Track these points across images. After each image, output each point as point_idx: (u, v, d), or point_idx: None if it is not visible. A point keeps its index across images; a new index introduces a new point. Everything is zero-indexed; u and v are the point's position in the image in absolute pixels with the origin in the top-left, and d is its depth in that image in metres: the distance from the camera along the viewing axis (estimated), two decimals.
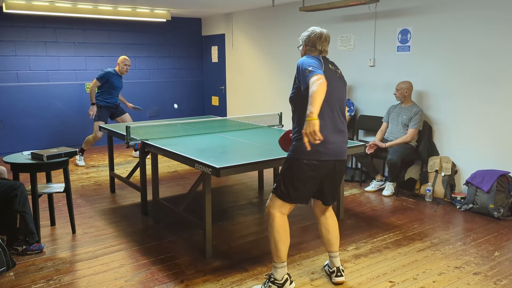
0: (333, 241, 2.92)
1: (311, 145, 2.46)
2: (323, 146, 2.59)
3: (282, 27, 6.97)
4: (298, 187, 2.69)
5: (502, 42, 4.33)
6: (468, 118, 4.68)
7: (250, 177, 5.61)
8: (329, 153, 2.65)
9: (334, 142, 2.66)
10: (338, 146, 2.69)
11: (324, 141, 2.56)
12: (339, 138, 2.71)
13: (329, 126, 2.65)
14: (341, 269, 2.95)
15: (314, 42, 2.73)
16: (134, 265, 3.23)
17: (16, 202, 3.28)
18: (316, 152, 2.60)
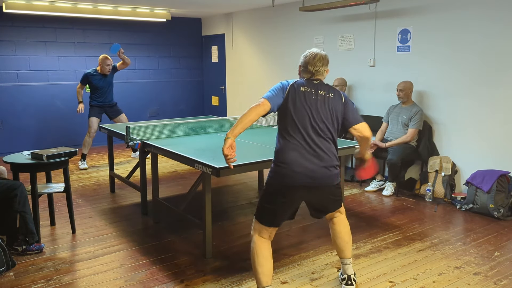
0: (342, 247, 2.84)
1: (281, 171, 2.53)
2: (288, 169, 2.52)
3: (282, 27, 6.97)
4: (270, 210, 2.62)
5: (502, 42, 4.33)
6: (468, 118, 4.68)
7: (250, 177, 5.61)
8: (294, 177, 2.52)
9: (302, 166, 2.52)
10: (309, 171, 2.52)
11: (290, 164, 2.52)
12: (312, 163, 2.53)
13: (298, 149, 2.53)
14: (353, 278, 2.84)
15: (306, 63, 2.68)
16: (134, 265, 3.23)
17: (16, 202, 3.28)
18: (281, 175, 2.54)
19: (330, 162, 2.59)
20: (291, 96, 2.57)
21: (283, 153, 2.55)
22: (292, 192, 2.59)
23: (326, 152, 2.58)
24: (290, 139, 2.55)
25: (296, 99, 2.57)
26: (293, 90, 2.59)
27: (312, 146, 2.55)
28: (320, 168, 2.56)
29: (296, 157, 2.53)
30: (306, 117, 2.56)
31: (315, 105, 2.58)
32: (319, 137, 2.57)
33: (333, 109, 2.61)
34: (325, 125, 2.59)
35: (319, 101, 2.59)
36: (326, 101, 2.61)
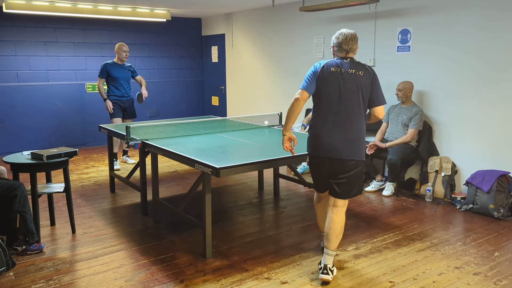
0: (330, 238, 2.96)
1: (311, 141, 2.99)
2: (318, 141, 2.93)
3: (282, 27, 6.97)
4: (313, 177, 3.15)
5: (502, 42, 4.33)
6: (468, 118, 4.68)
7: (250, 177, 5.61)
8: (322, 149, 2.92)
9: (328, 140, 2.89)
10: (331, 144, 2.88)
11: (320, 137, 2.92)
12: (337, 136, 2.88)
13: (326, 125, 2.90)
14: (329, 268, 2.94)
15: (340, 43, 2.95)
16: (134, 265, 3.23)
17: (16, 202, 3.28)
18: (314, 146, 2.97)
19: (354, 137, 2.89)
20: (322, 78, 2.90)
21: (316, 128, 2.94)
22: (321, 162, 2.97)
23: (351, 128, 2.88)
24: (322, 115, 2.92)
25: (327, 80, 2.88)
26: (323, 72, 2.90)
27: (341, 121, 2.87)
28: (344, 142, 2.88)
29: (325, 132, 2.90)
30: (336, 96, 2.87)
31: (344, 84, 2.86)
32: (346, 114, 2.87)
33: (361, 87, 2.87)
34: (353, 103, 2.87)
35: (348, 80, 2.86)
36: (356, 79, 2.87)
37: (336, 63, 2.91)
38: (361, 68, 2.89)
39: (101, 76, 6.03)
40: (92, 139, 7.75)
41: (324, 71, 2.89)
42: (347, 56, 2.94)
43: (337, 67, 2.89)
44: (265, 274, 3.09)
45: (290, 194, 5.02)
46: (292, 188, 5.21)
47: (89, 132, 7.72)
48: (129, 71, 6.20)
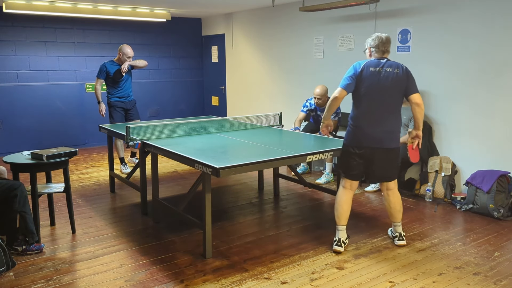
0: (394, 214, 3.55)
1: (353, 132, 3.37)
2: (361, 132, 3.32)
3: (282, 27, 6.97)
4: (349, 166, 3.43)
5: (502, 43, 4.33)
6: (468, 118, 4.68)
7: (250, 177, 5.61)
8: (366, 139, 3.31)
9: (370, 131, 3.29)
10: (374, 135, 3.29)
11: (363, 128, 3.31)
12: (379, 128, 3.29)
13: (367, 118, 3.30)
14: (403, 234, 3.58)
15: (377, 46, 3.35)
16: (134, 265, 3.23)
17: (16, 202, 3.28)
18: (356, 137, 3.34)
19: (392, 128, 3.34)
20: (362, 77, 3.27)
21: (359, 121, 3.34)
22: (363, 151, 3.33)
23: (390, 120, 3.32)
24: (363, 110, 3.32)
25: (367, 79, 3.26)
26: (363, 72, 3.28)
27: (380, 116, 3.29)
28: (384, 133, 3.30)
29: (368, 124, 3.30)
30: (375, 92, 3.27)
31: (382, 83, 3.25)
32: (385, 108, 3.30)
33: (397, 84, 3.27)
34: (390, 98, 3.29)
35: (387, 79, 3.26)
36: (393, 77, 3.27)
37: (375, 62, 3.31)
38: (397, 67, 3.30)
39: (100, 76, 5.78)
40: (92, 139, 7.76)
41: (364, 71, 3.28)
42: (383, 57, 3.36)
43: (376, 66, 3.29)
44: (265, 274, 3.09)
45: (290, 194, 5.02)
46: (292, 188, 5.21)
47: (89, 132, 7.72)
48: (130, 71, 5.97)
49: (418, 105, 3.31)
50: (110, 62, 5.84)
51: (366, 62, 3.32)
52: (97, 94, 5.83)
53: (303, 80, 6.72)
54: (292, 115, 6.74)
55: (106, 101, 5.91)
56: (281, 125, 4.97)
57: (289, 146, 3.93)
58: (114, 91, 5.84)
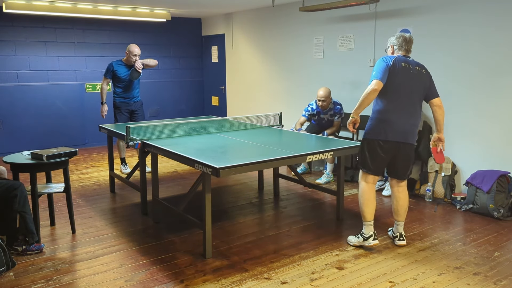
0: (399, 212, 3.49)
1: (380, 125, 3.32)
2: (389, 126, 3.30)
3: (282, 27, 6.97)
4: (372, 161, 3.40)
5: (502, 43, 4.33)
6: (468, 118, 4.68)
7: (250, 177, 5.61)
8: (393, 133, 3.29)
9: (399, 125, 3.29)
10: (402, 128, 3.30)
11: (391, 123, 3.29)
12: (406, 121, 3.30)
13: (397, 111, 3.30)
14: (403, 234, 3.54)
15: (401, 44, 3.40)
16: (134, 265, 3.23)
17: (16, 202, 3.28)
18: (383, 131, 3.31)
19: (416, 122, 3.38)
20: (394, 71, 3.28)
21: (387, 114, 3.31)
22: (388, 145, 3.33)
23: (415, 115, 3.36)
24: (392, 103, 3.30)
25: (399, 73, 3.29)
26: (395, 66, 3.28)
27: (408, 109, 3.32)
28: (410, 126, 3.34)
29: (396, 118, 3.29)
30: (405, 87, 3.30)
31: (412, 79, 3.31)
32: (414, 102, 3.34)
33: (423, 83, 3.35)
34: (417, 95, 3.34)
35: (415, 76, 3.32)
36: (420, 76, 3.35)
37: (405, 59, 3.35)
38: (423, 67, 3.39)
39: (106, 75, 5.65)
40: (92, 139, 7.76)
41: (396, 65, 3.29)
42: (408, 55, 3.42)
43: (406, 63, 3.33)
44: (265, 274, 3.09)
45: (290, 194, 5.02)
46: (292, 188, 5.21)
47: (89, 132, 7.72)
48: None
49: (440, 107, 3.38)
50: (117, 62, 5.71)
51: (396, 57, 3.33)
52: (102, 94, 5.75)
53: (303, 80, 6.72)
54: (292, 115, 6.74)
55: (112, 101, 5.79)
56: (281, 125, 4.97)
57: (289, 146, 3.93)
58: (120, 92, 5.73)
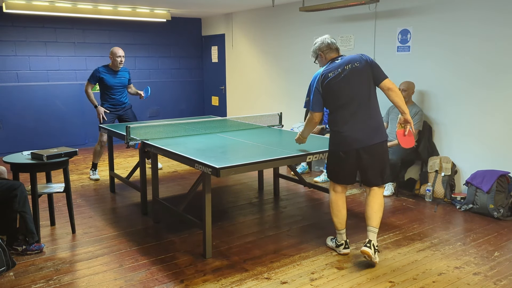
0: (371, 216, 3.23)
1: (336, 137, 3.21)
2: (343, 138, 3.15)
3: (282, 27, 6.97)
4: (336, 171, 3.30)
5: (502, 43, 4.33)
6: (468, 118, 4.68)
7: (250, 177, 5.61)
8: (349, 143, 3.14)
9: (353, 133, 3.12)
10: (359, 136, 3.11)
11: (344, 134, 3.14)
12: (361, 127, 3.12)
13: (346, 121, 3.13)
14: (373, 244, 3.16)
15: (328, 45, 3.23)
16: (134, 265, 3.23)
17: (16, 202, 3.28)
18: (340, 142, 3.19)
19: (375, 123, 3.16)
20: (325, 86, 3.14)
21: (337, 125, 3.18)
22: (350, 154, 3.17)
23: (370, 117, 3.14)
24: (339, 114, 3.16)
25: (331, 86, 3.12)
26: (323, 82, 3.13)
27: (358, 116, 3.12)
28: (368, 128, 3.13)
29: (348, 127, 3.13)
30: (345, 95, 3.11)
31: (347, 82, 3.09)
32: (359, 104, 3.11)
33: (361, 77, 3.10)
34: (362, 94, 3.11)
35: (349, 76, 3.09)
36: (355, 72, 3.10)
37: (332, 66, 3.15)
38: (354, 60, 3.12)
39: (91, 81, 5.44)
40: (92, 139, 7.75)
41: (324, 81, 3.13)
42: (338, 56, 3.23)
43: (334, 69, 3.13)
44: (265, 274, 3.09)
45: (290, 194, 5.02)
46: (292, 188, 5.21)
47: (89, 132, 7.72)
48: (126, 78, 5.65)
49: (391, 89, 3.09)
50: (103, 68, 5.48)
51: (323, 70, 3.17)
52: (91, 98, 5.47)
53: (303, 80, 6.72)
54: (292, 115, 6.74)
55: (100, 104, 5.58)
56: (281, 125, 4.97)
57: (289, 146, 3.92)
58: (107, 97, 5.53)
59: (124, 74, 5.64)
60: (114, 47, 5.51)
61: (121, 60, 5.46)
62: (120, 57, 5.44)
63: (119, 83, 5.57)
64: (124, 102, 5.67)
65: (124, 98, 5.67)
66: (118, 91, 5.59)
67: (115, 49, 5.47)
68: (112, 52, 5.46)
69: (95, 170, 5.70)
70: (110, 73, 5.50)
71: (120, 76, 5.58)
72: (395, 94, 3.10)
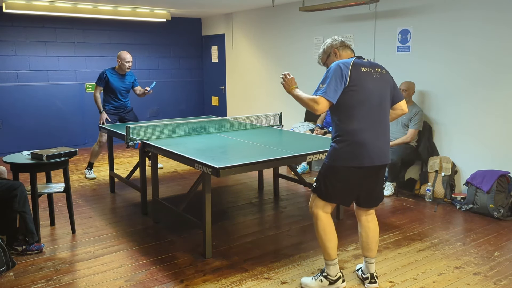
0: (371, 246, 2.86)
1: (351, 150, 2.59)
2: (364, 150, 2.58)
3: (282, 27, 6.97)
4: (339, 190, 2.70)
5: (502, 43, 4.33)
6: (468, 118, 4.68)
7: (250, 177, 5.61)
8: (370, 157, 2.60)
9: (376, 145, 2.61)
10: (380, 150, 2.64)
11: (365, 144, 2.58)
12: (383, 140, 2.66)
13: (371, 129, 2.61)
14: (375, 275, 2.91)
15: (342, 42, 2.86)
16: (134, 265, 3.23)
17: (16, 202, 3.28)
18: (357, 157, 2.59)
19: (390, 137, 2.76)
20: (355, 77, 2.58)
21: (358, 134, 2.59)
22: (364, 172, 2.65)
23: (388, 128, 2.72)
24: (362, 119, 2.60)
25: (362, 80, 2.60)
26: (356, 72, 2.60)
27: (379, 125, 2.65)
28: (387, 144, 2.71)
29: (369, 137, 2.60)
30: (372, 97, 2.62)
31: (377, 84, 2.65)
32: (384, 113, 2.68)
33: (388, 86, 2.72)
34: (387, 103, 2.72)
35: (380, 80, 2.67)
36: (383, 78, 2.70)
37: (362, 62, 2.67)
38: (382, 67, 2.75)
39: (99, 84, 5.45)
40: (92, 139, 7.75)
41: (356, 71, 2.60)
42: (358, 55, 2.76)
43: (366, 66, 2.66)
44: (265, 274, 3.09)
45: (290, 194, 5.02)
46: (292, 188, 5.21)
47: (89, 132, 7.72)
48: (130, 82, 5.66)
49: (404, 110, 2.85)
50: (110, 71, 5.51)
51: (354, 60, 2.64)
52: (98, 102, 5.50)
53: (303, 80, 6.71)
54: (292, 115, 6.74)
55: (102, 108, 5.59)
56: (281, 125, 4.97)
57: (289, 146, 3.93)
58: (109, 99, 5.57)
59: (129, 79, 5.66)
60: (122, 52, 5.50)
61: (129, 66, 5.49)
62: (129, 62, 5.46)
63: (123, 88, 5.61)
64: (126, 105, 5.73)
65: (127, 101, 5.73)
66: (122, 95, 5.63)
67: (123, 53, 5.46)
68: (120, 56, 5.45)
69: (91, 169, 5.77)
70: (117, 77, 5.53)
71: (125, 80, 5.61)
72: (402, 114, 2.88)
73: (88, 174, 5.73)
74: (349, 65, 2.59)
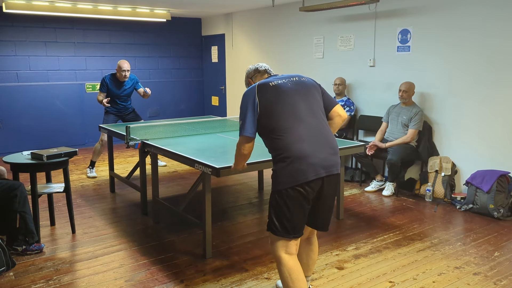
0: (311, 266, 2.68)
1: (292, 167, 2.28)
2: (306, 162, 2.27)
3: (282, 27, 6.97)
4: (292, 216, 2.33)
5: (502, 43, 4.33)
6: (468, 118, 4.68)
7: (250, 177, 5.61)
8: (314, 167, 2.29)
9: (318, 155, 2.31)
10: (325, 159, 2.32)
11: (306, 156, 2.28)
12: (325, 149, 2.35)
13: (305, 139, 2.31)
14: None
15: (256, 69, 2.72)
16: (134, 265, 3.23)
17: (16, 202, 3.28)
18: (301, 172, 2.28)
19: (335, 143, 2.44)
20: (266, 97, 2.37)
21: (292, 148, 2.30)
22: (311, 187, 2.32)
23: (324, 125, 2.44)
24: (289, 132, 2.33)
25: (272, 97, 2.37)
26: (263, 90, 2.39)
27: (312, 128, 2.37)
28: (330, 144, 2.39)
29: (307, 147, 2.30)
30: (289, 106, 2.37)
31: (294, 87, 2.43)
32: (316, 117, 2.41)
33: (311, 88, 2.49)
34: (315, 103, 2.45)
35: (293, 86, 2.44)
36: (300, 83, 2.47)
37: (271, 78, 2.49)
38: (301, 76, 2.54)
39: (102, 90, 5.52)
40: (92, 139, 7.75)
41: (265, 89, 2.39)
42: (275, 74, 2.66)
43: (276, 80, 2.45)
44: (265, 274, 3.09)
45: None
46: None
47: (89, 132, 7.72)
48: (130, 88, 5.67)
49: (340, 116, 2.57)
50: (109, 76, 5.56)
51: (258, 83, 2.44)
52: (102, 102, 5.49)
53: None
54: None
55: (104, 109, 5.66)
56: None
57: None
58: (112, 103, 5.59)
59: (128, 84, 5.66)
60: (121, 60, 5.53)
61: (125, 75, 5.50)
62: (125, 71, 5.48)
63: (122, 94, 5.64)
64: (128, 108, 5.78)
65: (128, 105, 5.77)
66: (122, 100, 5.68)
67: (120, 62, 5.51)
68: (118, 65, 5.51)
69: (93, 168, 5.82)
70: (116, 84, 5.57)
71: (125, 87, 5.63)
72: (342, 121, 2.59)
73: (89, 173, 5.80)
74: (254, 89, 2.41)
